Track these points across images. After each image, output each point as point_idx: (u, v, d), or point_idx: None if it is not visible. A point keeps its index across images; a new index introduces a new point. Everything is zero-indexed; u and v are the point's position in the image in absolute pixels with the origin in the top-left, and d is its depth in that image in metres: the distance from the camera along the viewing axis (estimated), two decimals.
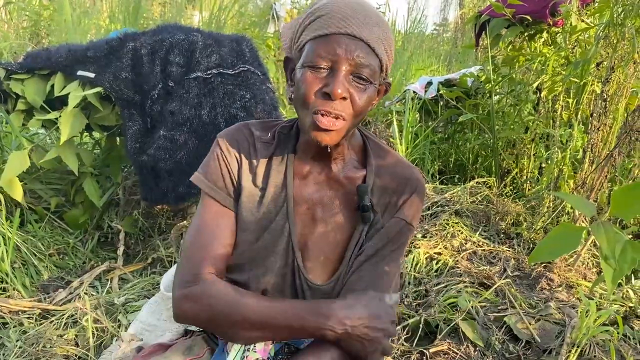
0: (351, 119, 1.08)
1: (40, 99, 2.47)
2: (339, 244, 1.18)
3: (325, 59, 1.04)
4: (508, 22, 3.45)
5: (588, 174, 2.53)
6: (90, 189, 2.69)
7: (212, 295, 1.08)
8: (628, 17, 2.34)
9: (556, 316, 2.05)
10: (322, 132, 1.05)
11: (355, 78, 1.06)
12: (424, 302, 2.18)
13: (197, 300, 1.08)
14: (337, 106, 1.04)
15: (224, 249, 1.16)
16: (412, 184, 1.21)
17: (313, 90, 1.05)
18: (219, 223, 1.17)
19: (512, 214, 2.88)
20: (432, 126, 3.87)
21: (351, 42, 1.04)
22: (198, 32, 2.32)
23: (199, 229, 1.17)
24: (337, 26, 1.04)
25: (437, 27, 13.88)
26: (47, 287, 2.46)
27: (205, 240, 1.15)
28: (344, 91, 1.04)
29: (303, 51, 1.08)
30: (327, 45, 1.04)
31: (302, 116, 1.09)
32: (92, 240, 2.88)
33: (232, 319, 1.06)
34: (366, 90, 1.07)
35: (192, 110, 2.19)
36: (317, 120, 1.04)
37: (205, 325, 1.17)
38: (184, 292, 1.10)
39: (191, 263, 1.13)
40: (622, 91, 2.54)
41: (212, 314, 1.07)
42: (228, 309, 1.06)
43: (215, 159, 1.19)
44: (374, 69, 1.06)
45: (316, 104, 1.05)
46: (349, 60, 1.04)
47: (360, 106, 1.07)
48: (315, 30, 1.06)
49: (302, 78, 1.06)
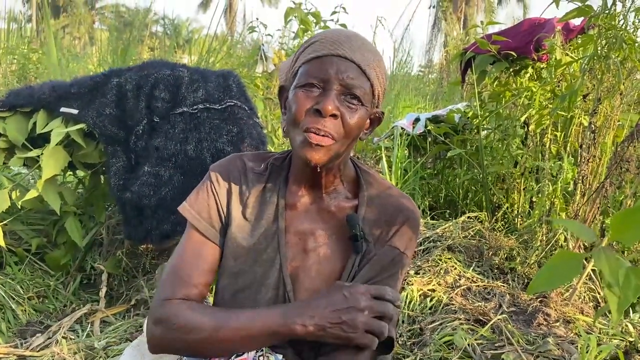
0: (342, 139, 1.07)
1: (22, 137, 2.41)
2: (332, 275, 1.16)
3: (316, 78, 1.06)
4: (493, 58, 3.49)
5: (580, 206, 2.51)
6: (73, 228, 2.61)
7: (180, 315, 1.07)
8: (612, 49, 2.36)
9: (555, 352, 1.98)
10: (312, 149, 1.05)
11: (346, 98, 1.06)
12: (418, 341, 2.11)
13: (166, 323, 1.07)
14: (327, 124, 1.04)
15: (201, 278, 1.15)
16: (404, 214, 1.19)
17: (304, 109, 1.05)
18: (199, 252, 1.16)
19: (505, 249, 2.83)
20: (421, 162, 3.86)
21: (342, 62, 1.05)
22: (184, 67, 2.31)
23: (178, 257, 1.17)
24: (329, 49, 1.06)
25: (423, 68, 14.16)
26: (25, 332, 2.35)
27: (182, 268, 1.14)
28: (334, 108, 1.04)
29: (296, 76, 1.10)
30: (319, 66, 1.06)
31: (293, 136, 1.09)
32: (74, 283, 2.78)
33: (202, 337, 1.05)
34: (357, 111, 1.07)
35: (177, 146, 2.15)
36: (308, 137, 1.04)
37: (177, 350, 1.12)
38: (155, 316, 1.10)
39: (165, 289, 1.12)
40: (610, 123, 2.55)
41: (182, 335, 1.06)
42: (198, 327, 1.05)
43: (204, 190, 1.19)
44: (365, 90, 1.07)
45: (306, 121, 1.05)
46: (339, 79, 1.05)
47: (351, 126, 1.07)
48: (308, 55, 1.08)
49: (293, 98, 1.07)
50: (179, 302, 1.10)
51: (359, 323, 1.00)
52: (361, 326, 1.00)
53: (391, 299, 1.04)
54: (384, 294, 1.04)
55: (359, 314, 1.01)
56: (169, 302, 1.10)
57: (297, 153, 1.09)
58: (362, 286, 1.05)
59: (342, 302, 1.02)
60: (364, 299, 1.02)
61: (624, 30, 2.36)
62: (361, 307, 1.01)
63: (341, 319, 1.00)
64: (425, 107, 7.33)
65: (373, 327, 1.01)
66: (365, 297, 1.02)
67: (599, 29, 2.42)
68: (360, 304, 1.01)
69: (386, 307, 1.02)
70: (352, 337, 1.01)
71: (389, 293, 1.04)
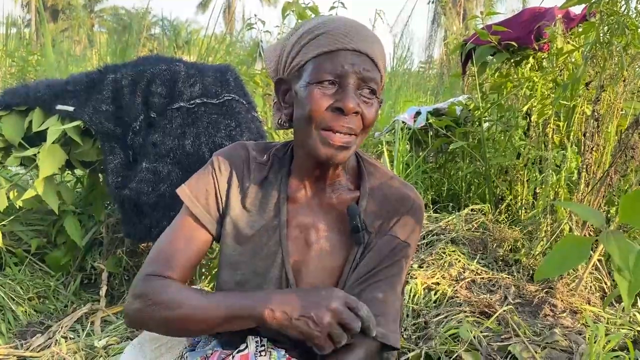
0: (360, 134, 1.08)
1: (19, 136, 2.38)
2: (335, 269, 1.14)
3: (331, 74, 1.04)
4: (494, 49, 3.46)
5: (585, 196, 2.47)
6: (72, 228, 2.58)
7: (159, 292, 1.07)
8: (614, 35, 2.33)
9: (562, 343, 1.94)
10: (334, 149, 1.04)
11: (362, 92, 1.06)
12: (423, 335, 2.08)
13: (145, 298, 1.07)
14: (350, 122, 1.04)
15: (187, 261, 1.14)
16: (406, 204, 1.17)
17: (323, 107, 1.03)
18: (190, 236, 1.16)
19: (509, 240, 2.80)
20: (423, 155, 3.83)
21: (357, 57, 1.05)
22: (180, 62, 2.27)
23: (168, 237, 1.17)
24: (342, 42, 1.04)
25: (423, 64, 14.12)
26: (25, 333, 2.32)
27: (170, 248, 1.15)
28: (356, 105, 1.04)
29: (304, 70, 1.07)
30: (334, 61, 1.04)
31: (306, 134, 1.07)
32: (75, 283, 2.75)
33: (178, 314, 1.04)
34: (373, 105, 1.08)
35: (175, 141, 2.12)
36: (329, 138, 1.03)
37: (153, 326, 1.11)
38: (135, 290, 1.10)
39: (149, 266, 1.13)
40: (613, 110, 2.51)
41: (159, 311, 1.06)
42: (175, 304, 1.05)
43: (204, 175, 1.19)
44: (378, 82, 1.08)
45: (326, 120, 1.04)
46: (357, 74, 1.04)
47: (370, 120, 1.07)
48: (318, 48, 1.05)
49: (308, 95, 1.04)
50: (160, 279, 1.10)
51: (325, 322, 0.96)
52: (325, 325, 0.96)
53: (363, 316, 0.98)
54: (359, 308, 0.99)
55: (328, 313, 0.96)
56: (150, 278, 1.10)
57: (311, 150, 1.07)
58: (343, 292, 1.02)
59: (315, 298, 0.99)
60: (337, 302, 0.98)
61: (626, 15, 2.32)
62: (332, 307, 0.97)
63: (309, 313, 0.97)
64: (426, 102, 7.29)
65: (336, 332, 0.96)
66: (340, 302, 0.98)
67: (600, 14, 2.38)
68: (332, 305, 0.97)
69: (352, 321, 0.97)
70: (314, 334, 0.96)
71: (364, 310, 0.99)
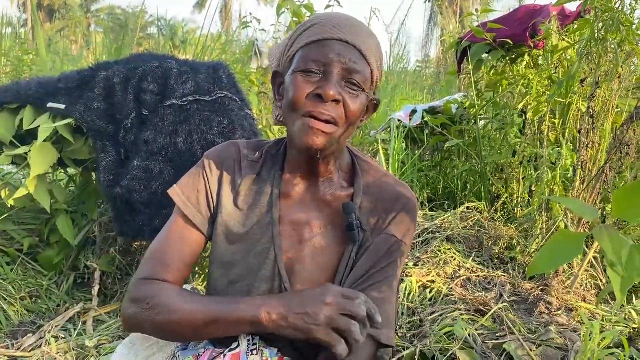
0: (343, 126, 1.05)
1: (10, 134, 2.36)
2: (329, 266, 1.12)
3: (317, 62, 1.03)
4: (489, 46, 3.45)
5: (580, 193, 2.46)
6: (65, 227, 2.55)
7: (155, 296, 1.06)
8: (609, 32, 2.32)
9: (558, 341, 1.93)
10: (313, 134, 1.02)
11: (347, 84, 1.04)
12: (418, 333, 2.07)
13: (141, 302, 1.06)
14: (329, 109, 1.02)
15: (182, 263, 1.14)
16: (401, 202, 1.16)
17: (304, 94, 1.02)
18: (183, 237, 1.15)
19: (504, 238, 2.79)
20: (419, 154, 3.82)
21: (343, 47, 1.03)
22: (172, 59, 2.25)
23: (162, 239, 1.16)
24: (329, 32, 1.04)
25: (420, 63, 14.13)
26: (16, 333, 2.30)
27: (164, 251, 1.14)
28: (337, 93, 1.02)
29: (294, 60, 1.06)
30: (319, 50, 1.03)
31: (291, 122, 1.06)
32: (68, 282, 2.72)
33: (174, 319, 1.03)
34: (359, 97, 1.05)
35: (167, 139, 2.10)
36: (309, 122, 1.02)
37: (149, 330, 1.09)
38: (131, 295, 1.09)
39: (144, 269, 1.12)
40: (608, 107, 2.50)
41: (155, 315, 1.04)
42: (171, 308, 1.03)
43: (195, 175, 1.18)
44: (365, 75, 1.05)
45: (307, 106, 1.02)
46: (341, 64, 1.03)
47: (353, 112, 1.04)
48: (307, 38, 1.05)
49: (292, 83, 1.04)
50: (156, 283, 1.09)
51: (321, 316, 0.94)
52: (324, 319, 0.94)
53: (363, 303, 0.96)
54: (358, 296, 0.96)
55: (324, 307, 0.94)
56: (146, 282, 1.09)
57: (294, 139, 1.05)
58: (338, 287, 1.00)
59: (310, 295, 0.98)
60: (333, 295, 0.96)
61: (621, 12, 2.32)
62: (327, 301, 0.95)
63: (304, 309, 0.95)
64: (423, 100, 7.29)
65: (339, 323, 0.93)
66: (336, 294, 0.96)
67: (595, 11, 2.37)
68: (327, 299, 0.95)
69: (355, 306, 0.94)
70: (312, 329, 0.94)
71: (363, 298, 0.97)
